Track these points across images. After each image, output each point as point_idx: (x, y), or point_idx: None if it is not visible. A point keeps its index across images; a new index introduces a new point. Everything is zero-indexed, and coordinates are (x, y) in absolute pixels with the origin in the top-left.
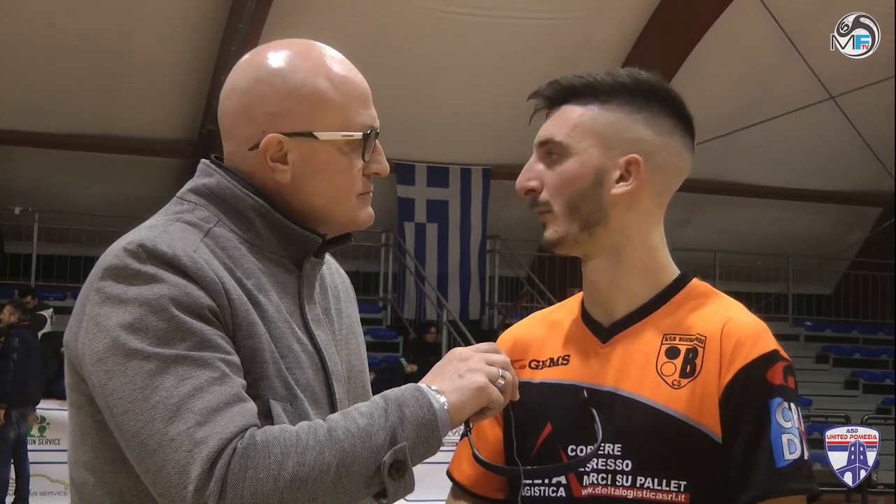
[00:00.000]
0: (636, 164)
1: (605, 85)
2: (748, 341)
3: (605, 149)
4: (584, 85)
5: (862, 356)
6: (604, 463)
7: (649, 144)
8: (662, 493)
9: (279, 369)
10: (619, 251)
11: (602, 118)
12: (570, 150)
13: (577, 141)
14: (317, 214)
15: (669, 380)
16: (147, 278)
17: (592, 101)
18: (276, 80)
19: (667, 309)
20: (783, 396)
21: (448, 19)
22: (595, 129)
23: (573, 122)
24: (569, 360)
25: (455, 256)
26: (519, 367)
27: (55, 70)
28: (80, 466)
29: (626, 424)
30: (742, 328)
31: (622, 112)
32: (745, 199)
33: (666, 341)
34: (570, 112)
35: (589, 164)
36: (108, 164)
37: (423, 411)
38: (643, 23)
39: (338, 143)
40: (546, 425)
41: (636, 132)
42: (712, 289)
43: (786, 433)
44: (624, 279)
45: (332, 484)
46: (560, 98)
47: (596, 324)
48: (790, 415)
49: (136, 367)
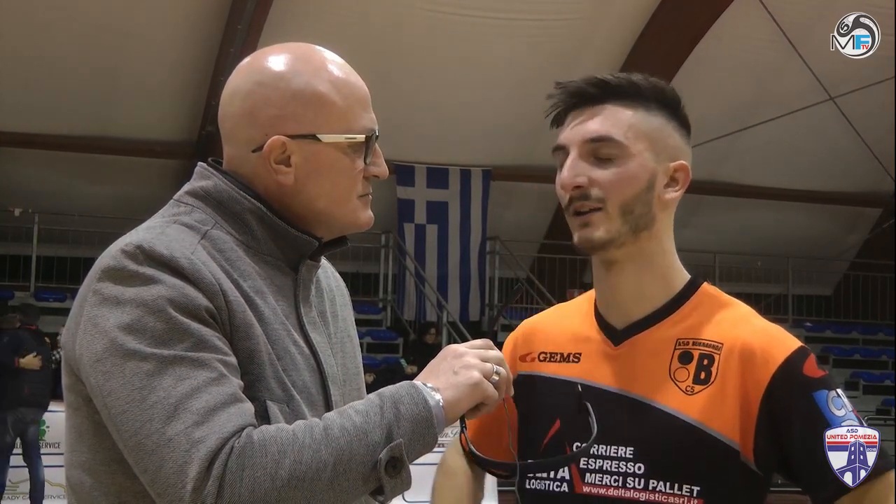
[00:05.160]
0: (684, 172)
1: (646, 89)
2: (774, 344)
3: (655, 153)
4: (630, 85)
5: (862, 357)
6: (616, 465)
7: (684, 152)
8: (675, 496)
9: (276, 371)
10: (652, 256)
11: (652, 123)
12: (629, 150)
13: (634, 143)
14: (318, 216)
15: (683, 385)
16: (145, 279)
17: (635, 104)
18: (279, 83)
19: (679, 314)
20: (826, 387)
21: (447, 20)
22: (647, 133)
23: (628, 123)
24: (580, 359)
25: (455, 258)
26: (529, 359)
27: (54, 71)
28: (78, 467)
29: (638, 428)
30: (763, 334)
31: (663, 118)
32: (745, 200)
33: (679, 346)
34: (619, 112)
35: (646, 168)
36: (108, 166)
37: (419, 408)
38: (643, 23)
39: (340, 146)
40: (555, 422)
41: (676, 139)
42: (722, 293)
43: (844, 421)
44: (647, 284)
45: (329, 482)
46: (602, 96)
47: (609, 326)
48: (840, 402)
49: (133, 368)
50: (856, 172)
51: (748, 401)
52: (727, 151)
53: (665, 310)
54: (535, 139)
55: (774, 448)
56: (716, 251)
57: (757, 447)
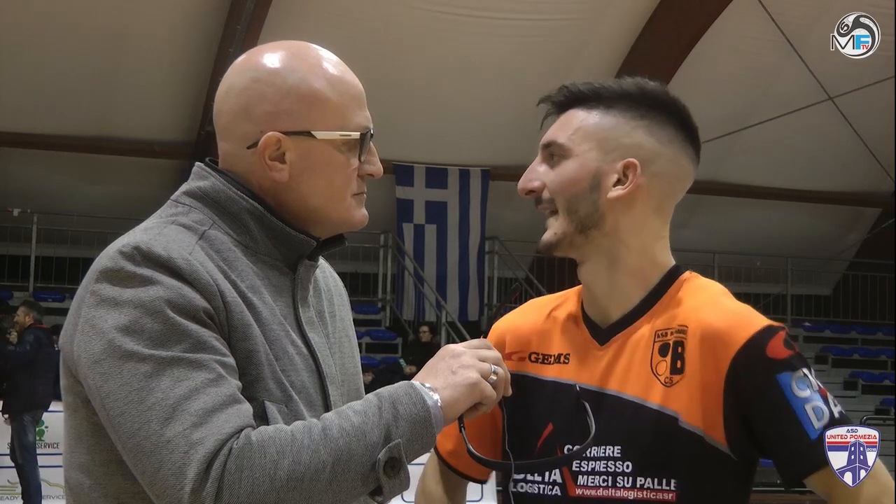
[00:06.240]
0: (633, 168)
1: (610, 91)
2: (734, 325)
3: (603, 152)
4: (591, 91)
5: (861, 357)
6: (604, 465)
7: (647, 151)
8: (661, 492)
9: (274, 371)
10: (614, 254)
11: (603, 123)
12: (571, 151)
13: (578, 143)
14: (312, 214)
15: (663, 378)
16: (142, 280)
17: (596, 107)
18: (275, 80)
19: (658, 307)
20: (790, 368)
21: (446, 20)
22: (595, 133)
23: (575, 126)
24: (569, 360)
25: (454, 257)
26: (518, 358)
27: (53, 72)
28: (76, 469)
29: (625, 426)
30: (727, 314)
31: (624, 118)
32: (744, 200)
33: (658, 339)
34: (573, 116)
35: (586, 167)
36: (107, 166)
37: (417, 408)
38: (642, 24)
39: (335, 143)
40: (548, 425)
41: (635, 138)
42: (701, 278)
43: (808, 402)
44: (618, 282)
45: (327, 482)
46: (567, 103)
47: (594, 325)
48: (804, 382)
49: (131, 370)
50: (855, 172)
51: (713, 385)
52: (726, 151)
53: (643, 306)
54: (534, 139)
55: (746, 431)
56: (715, 251)
57: (728, 432)
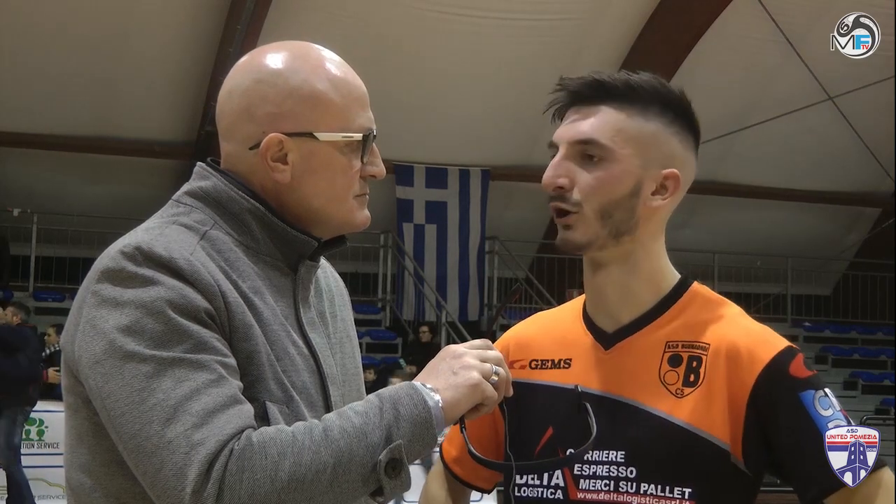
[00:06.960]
0: (674, 180)
1: (645, 92)
2: (760, 344)
3: (644, 159)
4: (625, 87)
5: (861, 357)
6: (607, 469)
7: (680, 160)
8: (666, 499)
9: (275, 372)
10: (635, 260)
11: (645, 128)
12: (614, 155)
13: (621, 147)
14: (314, 215)
15: (672, 388)
16: (143, 281)
17: (631, 107)
18: (277, 81)
19: (668, 315)
20: (813, 387)
21: (446, 21)
22: (637, 139)
23: (616, 126)
24: (570, 364)
25: (454, 257)
26: (519, 366)
27: (54, 72)
28: (77, 469)
29: (629, 432)
30: (749, 334)
31: (660, 123)
32: (744, 200)
33: (668, 349)
34: (610, 115)
35: (630, 174)
36: (107, 166)
37: (418, 409)
38: (642, 24)
39: (337, 144)
40: (547, 429)
41: (671, 146)
42: (712, 293)
43: (830, 421)
44: (634, 287)
45: (328, 483)
46: (596, 96)
47: (599, 330)
48: (827, 401)
49: (132, 370)
50: (855, 172)
51: (735, 402)
52: (726, 151)
53: (654, 312)
54: (534, 139)
55: (763, 449)
56: (715, 251)
57: (746, 448)
